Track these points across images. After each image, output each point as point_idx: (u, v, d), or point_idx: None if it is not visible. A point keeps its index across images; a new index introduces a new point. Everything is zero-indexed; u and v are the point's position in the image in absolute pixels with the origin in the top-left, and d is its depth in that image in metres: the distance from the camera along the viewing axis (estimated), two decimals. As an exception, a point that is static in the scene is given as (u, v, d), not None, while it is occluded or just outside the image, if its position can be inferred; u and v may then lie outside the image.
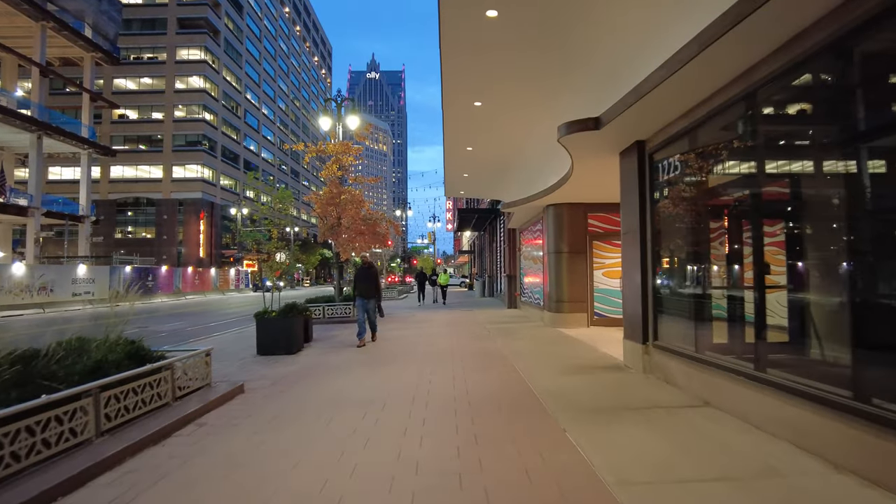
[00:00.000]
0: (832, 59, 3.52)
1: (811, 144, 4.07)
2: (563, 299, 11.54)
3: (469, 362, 7.37)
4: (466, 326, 12.40)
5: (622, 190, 7.10)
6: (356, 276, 9.90)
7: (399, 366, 7.33)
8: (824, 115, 3.81)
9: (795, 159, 4.22)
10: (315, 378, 6.64)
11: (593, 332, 10.66)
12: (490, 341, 9.65)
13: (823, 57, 3.54)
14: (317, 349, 9.27)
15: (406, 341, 9.97)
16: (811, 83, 3.87)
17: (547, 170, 10.81)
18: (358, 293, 9.58)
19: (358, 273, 9.90)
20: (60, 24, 34.51)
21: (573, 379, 6.14)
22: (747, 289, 4.53)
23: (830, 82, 3.69)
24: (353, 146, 16.16)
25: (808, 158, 4.06)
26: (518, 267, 17.36)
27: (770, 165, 4.30)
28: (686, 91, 4.80)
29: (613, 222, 11.70)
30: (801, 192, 4.08)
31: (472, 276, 40.17)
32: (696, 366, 5.17)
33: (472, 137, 9.69)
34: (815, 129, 3.99)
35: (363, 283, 9.59)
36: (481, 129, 9.18)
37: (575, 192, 10.16)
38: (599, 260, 11.68)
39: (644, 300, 6.40)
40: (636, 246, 6.54)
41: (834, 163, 3.63)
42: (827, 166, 3.72)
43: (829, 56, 3.51)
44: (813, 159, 3.96)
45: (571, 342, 9.26)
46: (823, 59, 3.56)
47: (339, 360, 7.95)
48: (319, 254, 62.38)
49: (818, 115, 3.93)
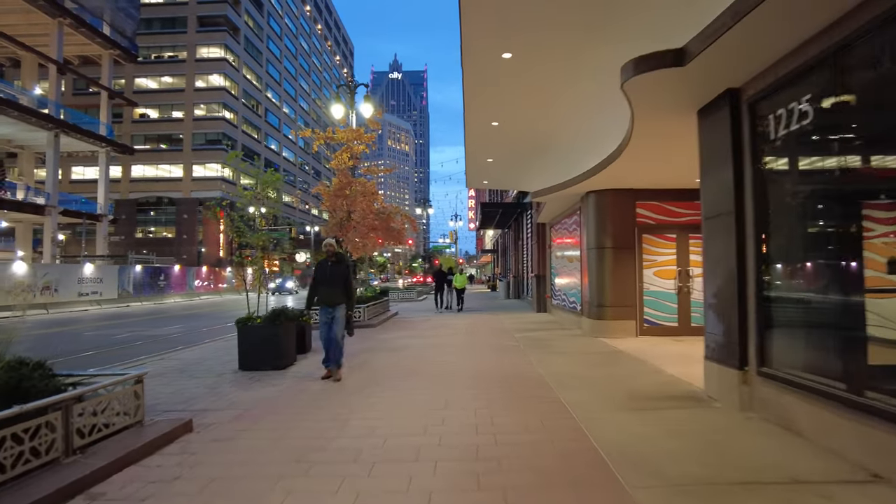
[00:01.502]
0: None
1: None
2: (606, 304, 9.71)
3: (497, 391, 5.64)
4: (491, 335, 10.67)
5: (704, 160, 5.29)
6: (317, 273, 6.64)
7: (402, 393, 5.65)
8: None
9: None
10: (292, 410, 5.04)
11: (644, 344, 8.81)
12: (521, 357, 7.90)
13: None
14: (311, 363, 7.69)
15: (414, 355, 8.27)
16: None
17: (585, 153, 9.03)
18: (319, 299, 6.52)
19: (320, 269, 6.62)
20: (77, 20, 34.17)
21: (646, 421, 4.36)
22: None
23: None
24: (366, 133, 14.63)
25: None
26: (548, 266, 15.54)
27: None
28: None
29: (668, 212, 9.82)
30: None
31: (496, 277, 38.33)
32: (846, 413, 3.36)
33: (499, 107, 7.97)
34: None
35: (327, 284, 6.46)
36: (509, 95, 7.47)
37: (624, 173, 8.35)
38: (650, 257, 9.81)
39: (741, 307, 4.58)
40: (729, 233, 4.73)
41: None
42: None
43: None
44: None
45: (624, 359, 7.44)
46: None
47: (330, 382, 6.33)
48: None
49: None
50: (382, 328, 12.40)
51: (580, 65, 6.08)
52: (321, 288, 6.52)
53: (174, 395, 5.78)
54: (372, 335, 10.96)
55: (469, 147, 10.49)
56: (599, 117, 7.94)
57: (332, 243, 6.70)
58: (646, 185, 9.54)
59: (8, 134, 32.52)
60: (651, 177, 8.74)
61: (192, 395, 5.78)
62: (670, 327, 9.69)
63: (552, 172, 10.90)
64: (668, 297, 9.74)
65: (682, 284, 9.70)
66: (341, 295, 6.51)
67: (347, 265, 6.79)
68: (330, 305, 6.50)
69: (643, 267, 9.79)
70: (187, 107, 53.26)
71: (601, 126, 8.10)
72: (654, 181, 9.13)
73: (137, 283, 26.55)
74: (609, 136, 7.70)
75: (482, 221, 26.49)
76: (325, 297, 6.48)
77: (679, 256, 9.78)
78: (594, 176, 8.65)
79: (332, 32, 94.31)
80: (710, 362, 5.13)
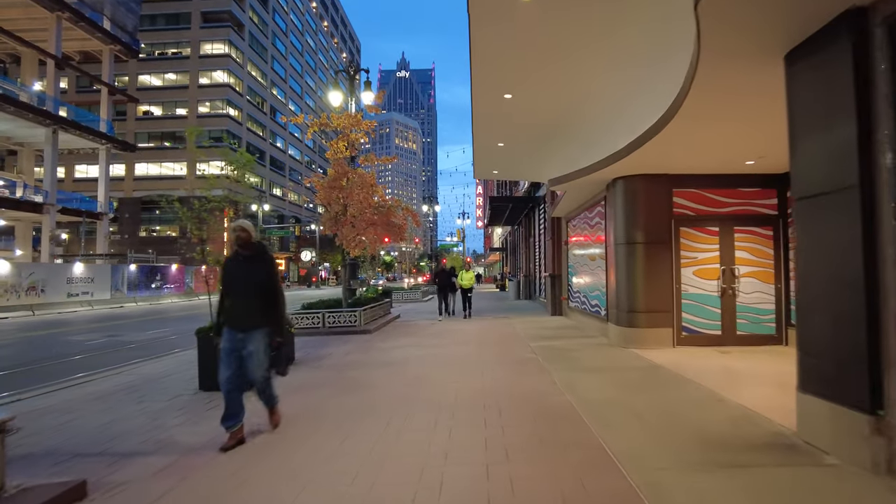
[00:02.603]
0: None
1: None
2: (638, 308, 8.30)
3: (515, 431, 4.25)
4: (502, 344, 9.29)
5: (798, 119, 3.88)
6: (224, 274, 4.26)
7: (387, 436, 4.30)
8: None
9: None
10: (240, 461, 3.74)
11: (685, 356, 7.40)
12: (541, 375, 6.52)
13: None
14: (287, 382, 6.39)
15: (411, 373, 6.90)
16: None
17: (612, 135, 7.66)
18: (224, 318, 4.17)
19: (226, 271, 4.25)
20: (77, 15, 33.36)
21: (734, 489, 2.97)
22: None
23: None
24: (365, 120, 13.33)
25: None
26: (564, 265, 14.12)
27: None
28: None
29: (709, 201, 8.40)
30: None
31: (505, 276, 36.92)
32: None
33: (514, 74, 6.63)
34: None
35: (237, 293, 4.13)
36: (528, 56, 6.13)
37: (662, 153, 6.94)
38: (689, 254, 8.38)
39: (873, 323, 3.17)
40: (848, 217, 3.32)
41: None
42: None
43: None
44: None
45: (668, 379, 6.04)
46: None
47: (302, 411, 5.01)
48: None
49: None
50: (381, 334, 11.09)
51: (623, 5, 4.70)
52: (227, 299, 4.16)
53: (101, 431, 4.52)
54: (367, 344, 9.65)
55: (477, 129, 9.14)
56: (636, 87, 6.55)
57: (244, 227, 4.10)
58: (684, 170, 8.12)
59: (6, 131, 31.78)
60: (695, 158, 7.32)
61: (123, 430, 4.52)
62: (712, 336, 8.27)
63: (570, 159, 9.51)
64: (710, 301, 8.32)
65: (727, 286, 8.27)
66: (259, 312, 4.07)
67: (269, 261, 4.24)
68: (240, 328, 4.03)
69: (681, 265, 8.37)
70: (191, 104, 52.45)
71: (636, 99, 6.71)
72: (696, 164, 7.70)
73: (132, 282, 25.51)
74: (644, 116, 6.33)
75: (491, 217, 25.09)
76: (233, 315, 4.08)
77: (723, 253, 8.35)
78: (625, 158, 7.25)
79: (339, 29, 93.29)
80: (810, 396, 3.73)
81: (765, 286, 8.28)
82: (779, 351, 7.81)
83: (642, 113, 6.44)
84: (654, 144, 6.42)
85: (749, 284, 8.27)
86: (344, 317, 11.35)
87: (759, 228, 8.34)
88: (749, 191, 8.35)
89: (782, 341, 8.19)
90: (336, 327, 11.24)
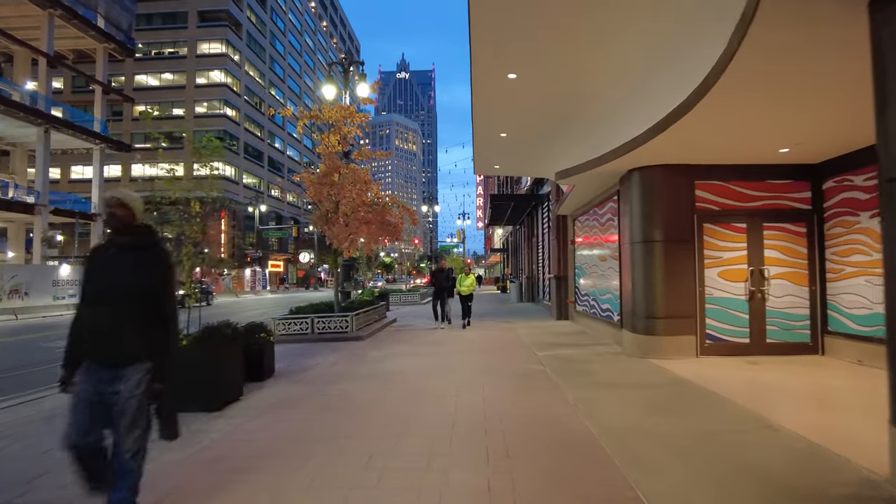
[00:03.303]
0: None
1: None
2: (656, 314, 7.48)
3: (525, 473, 3.38)
4: (506, 353, 8.47)
5: (890, 79, 3.07)
6: (86, 272, 2.69)
7: (366, 478, 3.47)
8: None
9: None
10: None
11: (712, 368, 6.58)
12: (552, 392, 5.69)
13: None
14: (260, 399, 5.59)
15: (403, 389, 6.05)
16: None
17: (626, 124, 6.88)
18: (84, 345, 2.59)
19: (93, 265, 2.69)
20: (70, 12, 32.66)
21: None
22: None
23: None
24: (358, 113, 12.54)
25: None
26: (570, 266, 13.30)
27: None
28: None
29: (736, 194, 7.59)
30: None
31: (507, 278, 36.08)
32: None
33: (517, 47, 5.82)
34: None
35: (108, 304, 2.56)
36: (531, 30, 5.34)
37: (686, 141, 6.15)
38: (714, 253, 7.57)
39: None
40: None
41: None
42: None
43: None
44: None
45: (699, 397, 5.21)
46: None
47: (267, 442, 4.20)
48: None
49: None
50: (374, 341, 10.27)
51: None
52: (89, 312, 2.61)
53: (30, 464, 3.71)
54: (358, 352, 8.84)
55: (478, 117, 8.33)
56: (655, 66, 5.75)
57: (123, 200, 2.69)
58: (708, 160, 7.32)
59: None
60: (722, 146, 6.52)
61: (57, 465, 3.70)
62: (739, 344, 7.45)
63: (579, 152, 8.71)
64: (737, 305, 7.50)
65: (755, 288, 7.46)
66: (138, 335, 2.59)
67: (162, 257, 2.77)
68: (107, 363, 2.56)
69: (704, 266, 7.55)
70: (188, 104, 51.78)
71: (654, 83, 5.92)
72: (722, 153, 6.90)
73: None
74: (663, 103, 5.56)
75: (492, 217, 24.28)
76: (97, 343, 2.57)
77: (751, 252, 7.54)
78: (643, 146, 6.45)
79: (338, 29, 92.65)
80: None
81: (797, 289, 7.46)
82: (815, 361, 6.99)
83: (661, 99, 5.66)
84: (678, 129, 5.61)
85: (780, 287, 7.45)
86: (334, 322, 10.54)
87: (791, 225, 7.52)
88: (780, 183, 7.53)
89: (818, 350, 7.35)
90: (326, 333, 10.43)
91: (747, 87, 4.47)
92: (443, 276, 12.95)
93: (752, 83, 4.39)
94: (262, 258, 53.82)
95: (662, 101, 5.62)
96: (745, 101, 4.92)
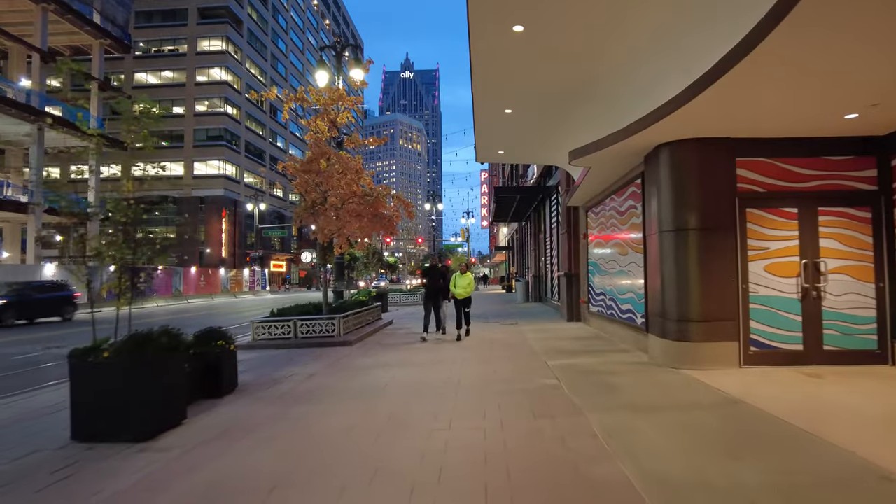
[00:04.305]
0: None
1: None
2: (691, 316, 6.28)
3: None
4: (512, 363, 7.27)
5: None
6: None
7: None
8: None
9: None
10: None
11: (762, 381, 5.38)
12: (572, 418, 4.51)
13: None
14: (208, 424, 4.47)
15: (381, 412, 4.84)
16: None
17: (656, 95, 5.71)
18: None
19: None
20: (63, 6, 31.88)
21: None
22: None
23: None
24: (349, 97, 11.41)
25: None
26: (583, 262, 12.10)
27: None
28: None
29: (785, 173, 6.39)
30: None
31: (513, 277, 34.87)
32: None
33: None
34: None
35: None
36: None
37: (728, 106, 4.98)
38: (759, 243, 6.36)
39: None
40: None
41: None
42: None
43: None
44: None
45: (770, 428, 4.00)
46: None
47: (181, 495, 3.07)
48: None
49: None
50: (363, 347, 9.13)
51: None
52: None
53: None
54: (343, 360, 7.70)
55: (477, 85, 7.17)
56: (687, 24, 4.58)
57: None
58: (752, 132, 6.12)
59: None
60: (772, 113, 5.34)
61: None
62: (791, 352, 6.24)
63: (595, 132, 7.50)
64: (788, 306, 6.29)
65: (809, 285, 6.25)
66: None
67: None
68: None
69: (748, 258, 6.35)
70: (188, 101, 50.98)
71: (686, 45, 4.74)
72: (769, 122, 5.71)
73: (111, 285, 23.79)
74: (693, 69, 4.39)
75: (496, 213, 23.10)
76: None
77: (803, 242, 6.32)
78: (674, 113, 5.28)
79: (341, 28, 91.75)
80: None
81: (861, 285, 6.22)
82: (888, 374, 5.77)
83: (699, 66, 4.49)
84: (725, 85, 4.42)
85: (839, 283, 6.23)
86: (320, 325, 9.42)
87: (853, 209, 6.29)
88: (839, 160, 6.31)
89: (886, 359, 6.12)
90: (311, 338, 9.32)
91: (816, 23, 3.28)
92: (436, 275, 10.43)
93: (824, 18, 3.20)
94: (264, 258, 52.92)
95: (700, 68, 4.45)
96: (824, 42, 3.73)
